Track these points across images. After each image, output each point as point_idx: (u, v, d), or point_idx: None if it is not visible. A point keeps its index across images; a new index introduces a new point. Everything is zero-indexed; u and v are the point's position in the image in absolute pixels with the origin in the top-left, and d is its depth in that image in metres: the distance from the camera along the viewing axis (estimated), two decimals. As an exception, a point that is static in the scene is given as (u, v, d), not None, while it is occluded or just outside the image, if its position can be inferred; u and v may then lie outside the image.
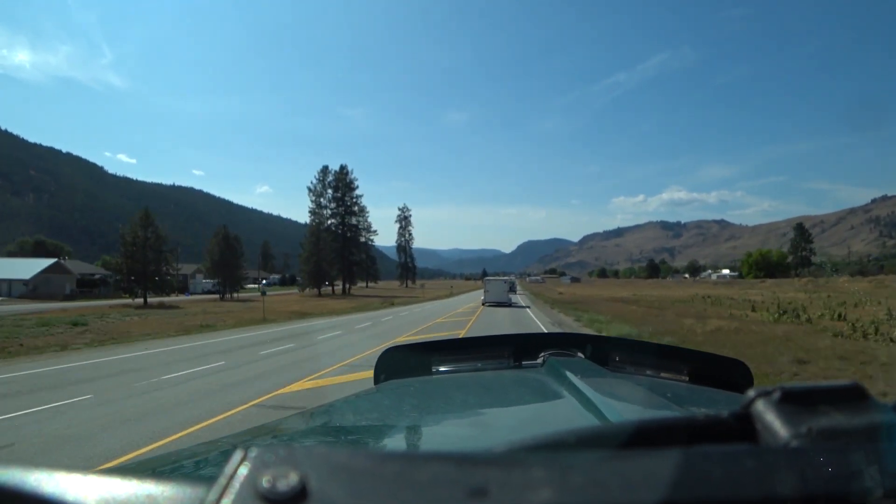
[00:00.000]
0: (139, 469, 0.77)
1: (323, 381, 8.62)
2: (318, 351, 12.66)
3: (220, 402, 7.04)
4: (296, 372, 9.49)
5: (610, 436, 0.40)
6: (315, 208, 71.14)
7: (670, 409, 0.90)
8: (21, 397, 7.54)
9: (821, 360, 10.08)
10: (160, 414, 6.50)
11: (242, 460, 0.32)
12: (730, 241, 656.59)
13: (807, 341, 12.97)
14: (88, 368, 10.25)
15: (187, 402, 7.15)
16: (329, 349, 12.97)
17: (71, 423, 6.11)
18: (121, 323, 21.79)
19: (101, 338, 16.18)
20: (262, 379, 8.84)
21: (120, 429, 5.84)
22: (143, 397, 7.45)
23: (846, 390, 0.39)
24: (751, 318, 21.29)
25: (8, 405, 6.98)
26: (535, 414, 1.02)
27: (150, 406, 6.91)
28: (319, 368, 9.84)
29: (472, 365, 1.41)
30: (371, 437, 0.95)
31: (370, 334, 17.15)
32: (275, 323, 22.31)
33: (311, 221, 68.17)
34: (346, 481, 0.30)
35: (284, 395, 7.51)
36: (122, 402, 7.12)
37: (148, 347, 13.81)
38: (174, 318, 24.13)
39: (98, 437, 5.55)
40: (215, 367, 10.23)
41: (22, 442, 5.41)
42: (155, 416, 6.41)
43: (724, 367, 1.36)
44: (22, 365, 10.88)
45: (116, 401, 7.21)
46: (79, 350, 13.56)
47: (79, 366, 10.63)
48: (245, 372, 9.60)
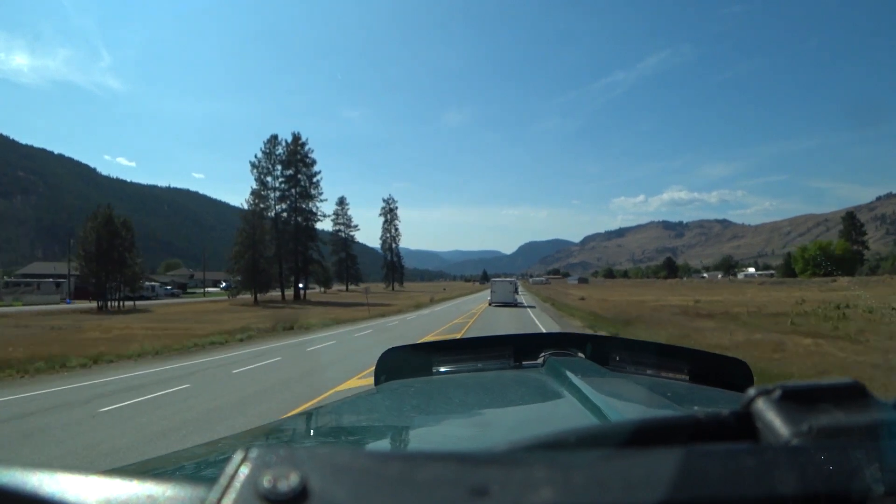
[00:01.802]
0: (140, 469, 0.76)
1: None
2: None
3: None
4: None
5: (610, 435, 0.40)
6: (259, 189, 51.70)
7: (671, 409, 0.91)
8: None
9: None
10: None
11: (243, 461, 0.31)
12: (733, 241, 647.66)
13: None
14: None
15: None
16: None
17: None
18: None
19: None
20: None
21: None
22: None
23: (847, 388, 0.39)
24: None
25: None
26: (536, 414, 1.02)
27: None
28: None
29: (473, 365, 1.41)
30: (372, 437, 0.96)
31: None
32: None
33: (252, 204, 48.68)
34: (346, 482, 0.30)
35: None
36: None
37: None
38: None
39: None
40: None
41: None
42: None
43: (724, 366, 1.36)
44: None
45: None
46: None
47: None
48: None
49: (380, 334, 17.68)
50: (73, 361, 11.15)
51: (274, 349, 14.20)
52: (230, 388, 8.65)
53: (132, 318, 26.20)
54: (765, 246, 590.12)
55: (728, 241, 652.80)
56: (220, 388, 8.65)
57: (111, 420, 6.59)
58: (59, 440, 5.77)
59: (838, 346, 12.04)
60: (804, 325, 17.05)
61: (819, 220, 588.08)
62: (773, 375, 8.10)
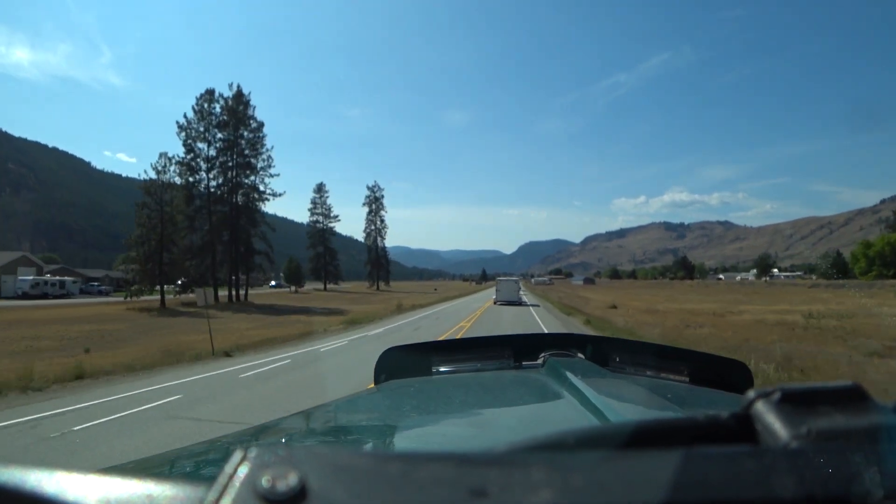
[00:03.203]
0: (139, 469, 0.77)
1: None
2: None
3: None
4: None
5: (610, 436, 0.40)
6: (187, 157, 38.20)
7: (670, 410, 0.90)
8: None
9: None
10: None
11: (242, 460, 0.31)
12: (735, 243, 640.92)
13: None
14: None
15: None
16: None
17: None
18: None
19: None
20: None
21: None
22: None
23: (846, 391, 0.39)
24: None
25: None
26: (535, 414, 1.02)
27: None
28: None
29: (472, 365, 1.40)
30: (371, 437, 0.97)
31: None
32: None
33: (175, 176, 35.41)
34: (345, 481, 0.30)
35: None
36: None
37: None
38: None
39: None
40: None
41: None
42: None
43: (724, 368, 1.36)
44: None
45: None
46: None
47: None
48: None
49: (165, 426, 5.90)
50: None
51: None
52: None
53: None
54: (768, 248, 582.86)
55: (730, 243, 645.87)
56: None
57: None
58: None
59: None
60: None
61: (822, 223, 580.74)
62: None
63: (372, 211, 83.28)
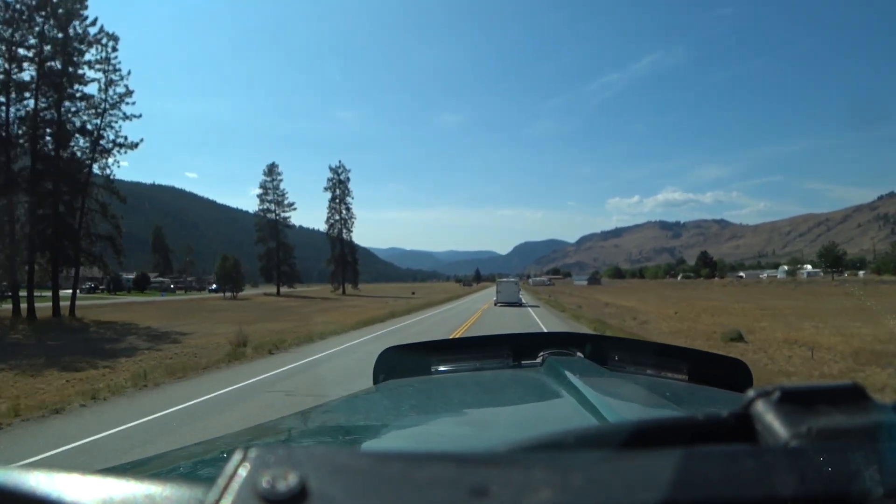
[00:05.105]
0: (138, 469, 0.77)
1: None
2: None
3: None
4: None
5: (609, 436, 0.40)
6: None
7: (670, 409, 0.91)
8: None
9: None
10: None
11: (242, 461, 0.31)
12: (732, 241, 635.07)
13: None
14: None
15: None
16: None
17: None
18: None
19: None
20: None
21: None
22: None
23: (846, 390, 0.39)
24: None
25: None
26: (535, 414, 1.02)
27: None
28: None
29: (472, 365, 1.40)
30: (371, 437, 0.97)
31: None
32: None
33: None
34: (345, 482, 0.30)
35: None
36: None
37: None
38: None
39: None
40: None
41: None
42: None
43: (723, 367, 1.36)
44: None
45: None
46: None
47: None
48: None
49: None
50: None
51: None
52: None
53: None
54: (765, 246, 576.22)
55: (727, 241, 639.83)
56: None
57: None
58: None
59: None
60: None
61: (819, 220, 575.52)
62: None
63: (336, 198, 67.95)
